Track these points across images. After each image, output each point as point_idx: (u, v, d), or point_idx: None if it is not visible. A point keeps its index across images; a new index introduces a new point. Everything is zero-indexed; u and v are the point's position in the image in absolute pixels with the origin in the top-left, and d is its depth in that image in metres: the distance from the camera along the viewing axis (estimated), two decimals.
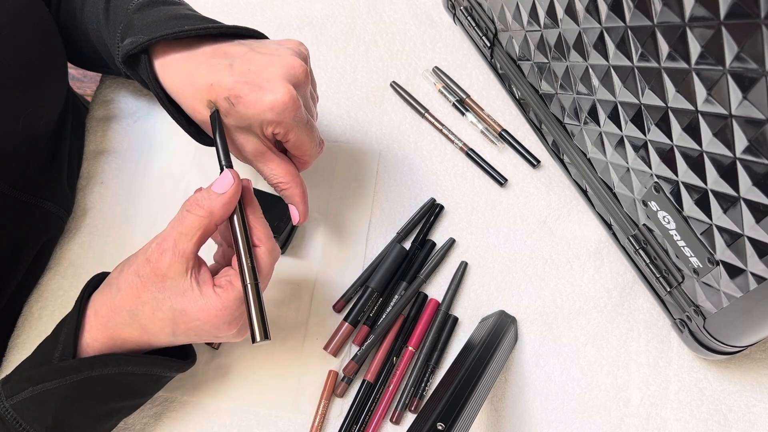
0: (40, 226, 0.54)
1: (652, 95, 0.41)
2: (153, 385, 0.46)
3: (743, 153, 0.36)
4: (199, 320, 0.40)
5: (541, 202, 0.60)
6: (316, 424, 0.51)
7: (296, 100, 0.43)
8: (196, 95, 0.44)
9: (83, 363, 0.40)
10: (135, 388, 0.44)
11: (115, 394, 0.43)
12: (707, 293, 0.46)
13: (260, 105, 0.42)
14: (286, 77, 0.43)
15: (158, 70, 0.45)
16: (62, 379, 0.40)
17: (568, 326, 0.55)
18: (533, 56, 0.55)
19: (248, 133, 0.45)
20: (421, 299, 0.56)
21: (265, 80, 0.42)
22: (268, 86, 0.42)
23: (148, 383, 0.45)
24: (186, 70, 0.45)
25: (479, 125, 0.63)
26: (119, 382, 0.42)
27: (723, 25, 0.33)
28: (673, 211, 0.45)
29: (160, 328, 0.41)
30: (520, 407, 0.53)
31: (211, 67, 0.44)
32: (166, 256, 0.40)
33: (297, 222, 0.49)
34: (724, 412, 0.53)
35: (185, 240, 0.40)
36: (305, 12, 0.69)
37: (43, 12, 0.51)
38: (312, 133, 0.47)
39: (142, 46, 0.44)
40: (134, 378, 0.43)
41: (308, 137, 0.46)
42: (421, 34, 0.68)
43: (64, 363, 0.40)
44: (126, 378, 0.42)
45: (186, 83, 0.44)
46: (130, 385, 0.43)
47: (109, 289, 0.42)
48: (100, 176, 0.60)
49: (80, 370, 0.40)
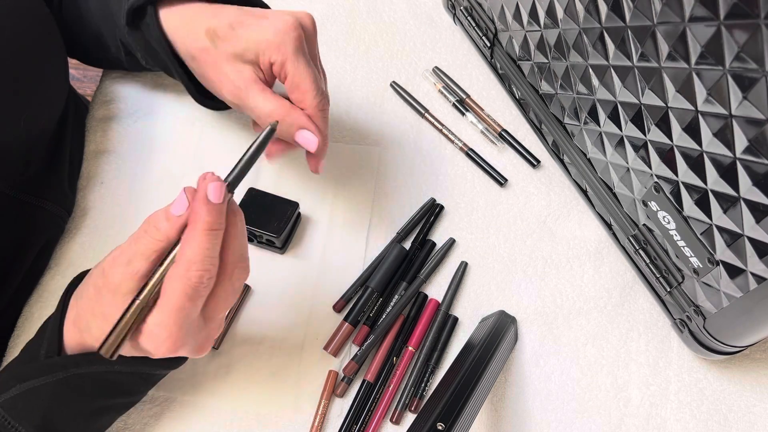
0: (40, 227, 0.54)
1: (652, 95, 0.41)
2: (143, 383, 0.45)
3: (743, 153, 0.36)
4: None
5: (541, 202, 0.60)
6: (316, 424, 0.51)
7: (299, 28, 0.42)
8: (197, 29, 0.44)
9: (69, 360, 0.40)
10: (125, 386, 0.43)
11: (105, 392, 0.42)
12: (707, 293, 0.46)
13: (262, 28, 0.42)
14: (291, 13, 0.44)
15: (162, 20, 0.46)
16: (49, 375, 0.40)
17: (568, 326, 0.55)
18: (533, 56, 0.55)
19: (243, 61, 0.44)
20: (421, 299, 0.56)
21: (269, 13, 0.44)
22: (273, 16, 0.43)
23: (138, 381, 0.44)
24: (189, 14, 0.45)
25: (479, 125, 0.63)
26: (107, 380, 0.41)
27: (723, 25, 0.33)
28: (673, 211, 0.45)
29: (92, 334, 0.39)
30: (520, 407, 0.53)
31: (216, 11, 0.45)
32: (118, 271, 0.37)
33: (314, 148, 0.43)
34: (724, 412, 0.53)
35: (140, 260, 0.37)
36: None
37: (44, 12, 0.51)
38: (312, 73, 0.43)
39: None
40: (122, 376, 0.42)
41: (307, 74, 0.43)
42: (421, 34, 0.68)
43: (50, 360, 0.40)
44: (114, 376, 0.41)
45: (188, 23, 0.45)
46: (119, 383, 0.43)
47: (76, 295, 0.41)
48: (100, 176, 0.60)
49: (66, 367, 0.40)
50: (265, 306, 0.55)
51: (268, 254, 0.57)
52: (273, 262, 0.56)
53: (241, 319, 0.54)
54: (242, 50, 0.43)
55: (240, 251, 0.39)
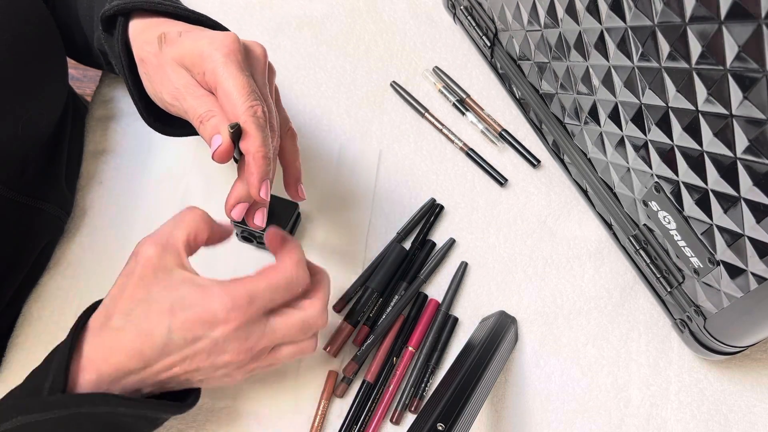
0: (39, 228, 0.53)
1: (652, 95, 0.41)
2: (148, 425, 0.43)
3: (744, 153, 0.35)
4: (197, 306, 0.39)
5: (541, 202, 0.60)
6: (316, 424, 0.51)
7: (237, 43, 0.42)
8: (153, 36, 0.45)
9: (72, 400, 0.38)
10: (128, 428, 0.42)
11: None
12: (708, 293, 0.46)
13: (201, 38, 0.42)
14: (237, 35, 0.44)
15: (130, 29, 0.47)
16: (50, 412, 0.38)
17: (569, 326, 0.55)
18: (533, 56, 0.55)
19: (182, 66, 0.43)
20: (421, 299, 0.56)
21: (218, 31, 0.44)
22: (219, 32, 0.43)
23: (143, 424, 0.43)
24: (153, 24, 0.46)
25: (479, 125, 0.63)
26: (110, 421, 0.40)
27: (723, 24, 0.32)
28: (673, 211, 0.45)
29: (156, 323, 0.39)
30: (520, 407, 0.53)
31: (177, 23, 0.46)
32: (155, 250, 0.40)
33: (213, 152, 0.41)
34: (724, 412, 0.53)
35: (178, 233, 0.41)
36: (305, 12, 0.69)
37: (43, 13, 0.51)
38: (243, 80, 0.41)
39: (120, 7, 0.46)
40: (127, 419, 0.40)
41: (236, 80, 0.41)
42: (421, 34, 0.68)
43: (53, 397, 0.38)
44: (118, 418, 0.40)
45: (147, 30, 0.46)
46: (122, 425, 0.41)
47: (102, 304, 0.41)
48: (99, 176, 0.60)
49: (68, 407, 0.38)
50: None
51: (269, 254, 0.57)
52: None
53: None
54: (180, 55, 0.43)
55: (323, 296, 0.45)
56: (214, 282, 0.40)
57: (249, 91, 0.41)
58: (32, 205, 0.52)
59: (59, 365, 0.39)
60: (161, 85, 0.44)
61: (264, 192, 0.41)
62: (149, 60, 0.45)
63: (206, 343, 0.40)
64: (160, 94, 0.45)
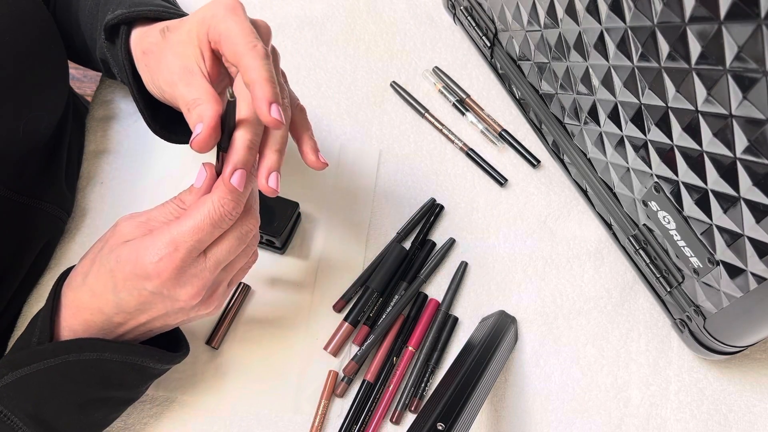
0: (39, 228, 0.54)
1: (652, 95, 0.41)
2: (137, 375, 0.44)
3: (743, 153, 0.36)
4: (129, 263, 0.39)
5: (541, 202, 0.60)
6: (316, 424, 0.51)
7: (240, 4, 0.42)
8: (153, 30, 0.45)
9: (59, 346, 0.40)
10: (118, 377, 0.43)
11: (97, 382, 0.42)
12: (707, 293, 0.46)
13: (201, 9, 0.42)
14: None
15: (132, 36, 0.47)
16: (40, 363, 0.40)
17: (568, 326, 0.55)
18: (533, 56, 0.55)
19: (186, 46, 0.43)
20: (421, 299, 0.56)
21: None
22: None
23: (132, 374, 0.44)
24: (150, 26, 0.46)
25: (479, 125, 0.63)
26: (99, 369, 0.42)
27: (723, 25, 0.33)
28: (673, 211, 0.45)
29: (103, 284, 0.40)
30: (520, 407, 0.53)
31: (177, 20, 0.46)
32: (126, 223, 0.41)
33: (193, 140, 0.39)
34: (724, 412, 0.53)
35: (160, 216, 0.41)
36: (305, 12, 0.69)
37: (44, 15, 0.51)
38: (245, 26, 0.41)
39: (123, 16, 0.46)
40: (115, 365, 0.42)
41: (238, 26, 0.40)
42: (421, 34, 0.68)
43: (41, 347, 0.40)
44: (106, 365, 0.41)
45: (147, 31, 0.46)
46: (111, 374, 0.42)
47: (71, 285, 0.43)
48: (100, 176, 0.60)
49: (57, 354, 0.40)
50: (265, 306, 0.55)
51: (268, 254, 0.57)
52: (273, 262, 0.56)
53: (241, 319, 0.54)
54: (185, 33, 0.43)
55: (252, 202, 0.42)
56: (146, 235, 0.40)
57: (250, 31, 0.40)
58: (32, 205, 0.52)
59: (44, 319, 0.41)
60: (159, 73, 0.44)
61: (276, 113, 0.38)
62: (151, 50, 0.45)
63: (149, 295, 0.40)
64: (157, 81, 0.45)
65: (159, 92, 0.46)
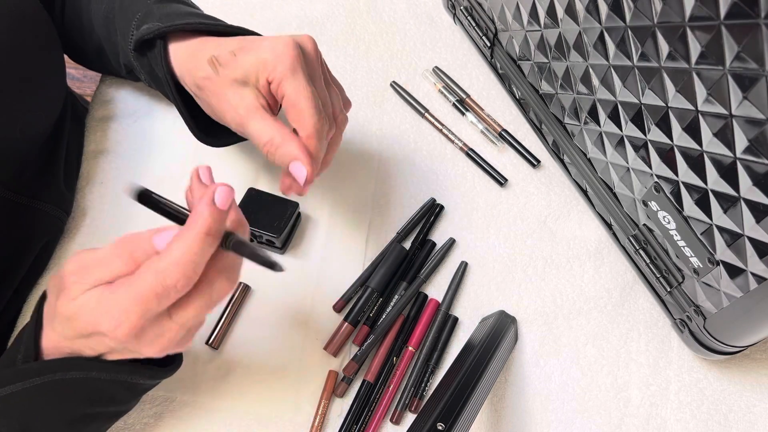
0: (38, 228, 0.53)
1: (652, 95, 0.41)
2: (126, 392, 0.42)
3: (743, 153, 0.36)
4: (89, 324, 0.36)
5: (541, 202, 0.60)
6: (316, 424, 0.51)
7: (297, 48, 0.43)
8: (201, 60, 0.45)
9: (44, 366, 0.38)
10: (107, 394, 0.41)
11: (85, 400, 0.40)
12: (707, 293, 0.46)
13: (260, 50, 0.43)
14: (290, 36, 0.44)
15: (171, 54, 0.47)
16: (26, 382, 0.38)
17: (568, 326, 0.55)
18: (533, 56, 0.55)
19: (244, 86, 0.44)
20: (421, 299, 0.56)
21: (269, 37, 0.44)
22: (271, 38, 0.44)
23: (121, 391, 0.42)
24: (195, 46, 0.46)
25: (479, 125, 0.63)
26: (87, 387, 0.39)
27: (723, 25, 0.33)
28: (673, 211, 0.45)
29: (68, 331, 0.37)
30: (520, 407, 0.53)
31: (219, 41, 0.46)
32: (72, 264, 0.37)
33: (303, 181, 0.42)
34: (724, 412, 0.53)
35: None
36: (305, 12, 0.69)
37: (42, 16, 0.51)
38: (310, 93, 0.43)
39: (161, 30, 0.46)
40: (103, 384, 0.40)
41: (304, 93, 0.42)
42: (421, 34, 0.68)
43: (26, 366, 0.38)
44: (94, 383, 0.39)
45: (193, 54, 0.46)
46: (100, 391, 0.40)
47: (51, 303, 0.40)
48: (99, 176, 0.60)
49: (42, 373, 0.38)
50: (265, 306, 0.55)
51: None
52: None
53: (241, 319, 0.54)
54: (243, 74, 0.43)
55: (232, 263, 0.37)
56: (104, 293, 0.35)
57: (315, 107, 0.43)
58: (31, 206, 0.52)
59: (28, 336, 0.39)
60: (223, 111, 0.45)
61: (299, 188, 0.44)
62: (206, 86, 0.45)
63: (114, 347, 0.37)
64: (222, 117, 0.46)
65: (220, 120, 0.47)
